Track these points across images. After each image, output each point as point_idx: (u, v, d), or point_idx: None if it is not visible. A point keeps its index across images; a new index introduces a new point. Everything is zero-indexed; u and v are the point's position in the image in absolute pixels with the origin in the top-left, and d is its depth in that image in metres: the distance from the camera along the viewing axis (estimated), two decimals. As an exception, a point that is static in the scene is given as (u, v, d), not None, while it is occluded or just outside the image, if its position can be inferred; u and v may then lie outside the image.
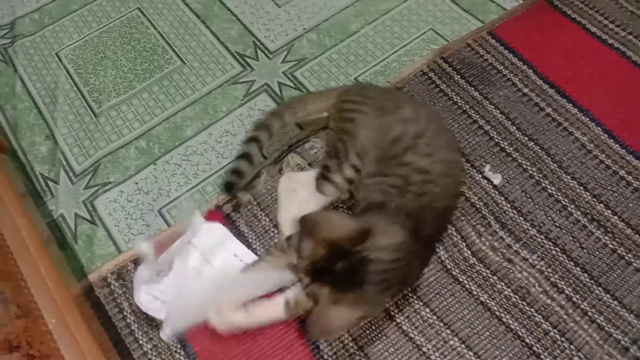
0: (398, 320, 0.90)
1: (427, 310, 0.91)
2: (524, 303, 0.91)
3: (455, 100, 1.14)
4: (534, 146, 1.07)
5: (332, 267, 0.75)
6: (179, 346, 0.90)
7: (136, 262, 0.99)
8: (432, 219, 0.87)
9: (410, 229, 0.81)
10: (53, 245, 0.97)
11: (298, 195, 0.99)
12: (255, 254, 0.98)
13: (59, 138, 1.17)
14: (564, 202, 1.00)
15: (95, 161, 1.13)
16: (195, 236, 0.96)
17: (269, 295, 0.90)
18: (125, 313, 0.95)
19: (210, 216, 1.03)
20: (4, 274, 0.74)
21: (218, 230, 0.99)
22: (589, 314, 0.90)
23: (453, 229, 0.98)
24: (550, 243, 0.96)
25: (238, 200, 1.05)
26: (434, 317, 0.90)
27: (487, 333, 0.89)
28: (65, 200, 1.08)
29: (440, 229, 0.92)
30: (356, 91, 1.03)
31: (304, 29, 1.28)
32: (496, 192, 1.02)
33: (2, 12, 1.39)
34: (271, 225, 1.01)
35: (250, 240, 1.00)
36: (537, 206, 1.00)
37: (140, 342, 0.91)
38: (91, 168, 1.12)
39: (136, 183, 1.09)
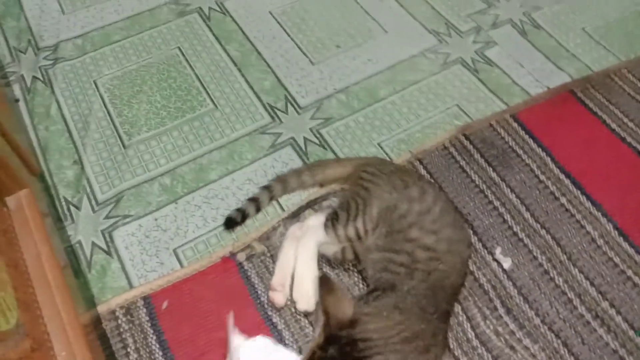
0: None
1: (426, 386, 0.92)
2: (522, 392, 0.92)
3: (473, 178, 1.18)
4: (545, 234, 1.10)
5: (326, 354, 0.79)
6: (178, 392, 0.91)
7: (145, 299, 1.01)
8: (442, 298, 0.89)
9: (418, 311, 0.84)
10: (69, 272, 0.99)
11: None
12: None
13: (87, 165, 1.20)
14: (569, 295, 1.02)
15: (119, 192, 1.16)
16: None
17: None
18: (128, 349, 0.96)
19: (223, 262, 1.05)
20: (23, 305, 0.76)
21: (262, 343, 0.93)
22: (585, 411, 0.91)
23: (459, 307, 1.00)
24: (552, 334, 0.98)
25: (252, 250, 1.07)
26: (432, 395, 0.91)
27: (483, 418, 0.90)
28: (84, 227, 1.11)
29: (450, 306, 0.94)
30: (374, 164, 1.08)
31: (335, 89, 1.33)
32: (505, 276, 1.04)
33: (48, 33, 1.45)
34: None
35: (259, 292, 1.02)
36: (543, 295, 1.02)
37: (140, 382, 0.92)
38: (114, 198, 1.15)
39: (156, 219, 1.12)
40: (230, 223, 1.10)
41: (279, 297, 0.99)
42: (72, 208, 1.14)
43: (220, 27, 1.45)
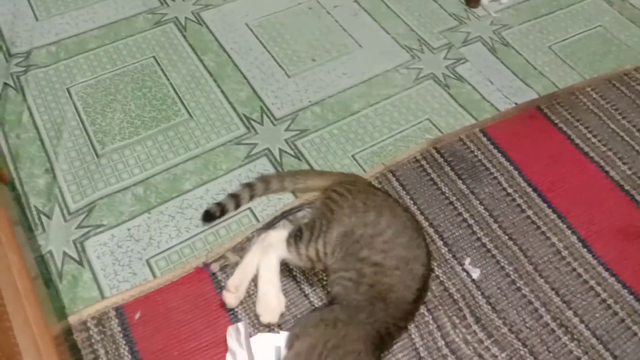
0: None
1: (397, 395, 0.94)
2: (490, 400, 0.95)
3: (443, 190, 1.21)
4: (512, 245, 1.13)
5: None
6: (149, 403, 0.91)
7: (118, 309, 1.00)
8: (380, 308, 0.93)
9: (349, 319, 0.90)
10: (39, 283, 0.98)
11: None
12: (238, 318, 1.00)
13: (58, 173, 1.19)
14: (535, 305, 1.06)
15: (91, 202, 1.15)
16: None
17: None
18: (99, 361, 0.95)
19: (197, 273, 1.06)
20: (-7, 315, 0.75)
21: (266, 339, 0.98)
22: (550, 418, 0.94)
23: (430, 317, 1.02)
24: (519, 343, 1.01)
25: (226, 260, 1.08)
26: (403, 404, 0.93)
27: None
28: (55, 237, 1.10)
29: (394, 320, 0.96)
30: (346, 182, 1.09)
31: (310, 101, 1.35)
32: (474, 286, 1.07)
33: (21, 40, 1.43)
34: (255, 290, 1.04)
35: (233, 302, 1.02)
36: (510, 305, 1.05)
37: (111, 393, 0.92)
38: (86, 208, 1.14)
39: (128, 229, 1.12)
40: (209, 216, 1.12)
41: (230, 298, 1.00)
42: (43, 217, 1.12)
43: (197, 37, 1.46)
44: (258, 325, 1.00)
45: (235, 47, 1.45)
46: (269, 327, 1.00)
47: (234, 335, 0.95)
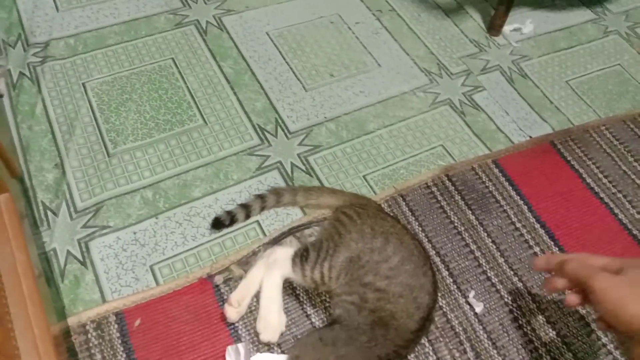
0: None
1: None
2: None
3: (452, 219, 1.20)
4: (517, 282, 1.13)
5: None
6: (144, 414, 0.90)
7: (118, 314, 1.00)
8: (381, 334, 0.92)
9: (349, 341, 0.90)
10: (42, 281, 0.97)
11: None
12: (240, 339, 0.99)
13: (68, 169, 1.18)
14: (536, 344, 1.05)
15: (99, 202, 1.14)
16: None
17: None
18: (96, 366, 0.94)
19: (200, 283, 1.05)
20: (-3, 317, 0.74)
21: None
22: None
23: (430, 348, 1.02)
24: (517, 382, 1.01)
25: (230, 273, 1.07)
26: None
27: None
28: (60, 234, 1.09)
29: (398, 347, 0.95)
30: (357, 205, 1.08)
31: (325, 117, 1.34)
32: (476, 320, 1.07)
33: (40, 30, 1.42)
34: (258, 305, 1.03)
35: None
36: (511, 342, 1.05)
37: (106, 401, 0.91)
38: (93, 207, 1.13)
39: (134, 233, 1.11)
40: (218, 224, 1.12)
41: (232, 313, 0.99)
42: (49, 213, 1.11)
43: (217, 42, 1.46)
44: (257, 343, 0.99)
45: (254, 56, 1.44)
46: (269, 346, 0.99)
47: (234, 356, 0.95)
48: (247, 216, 1.14)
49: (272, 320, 0.99)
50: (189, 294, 1.04)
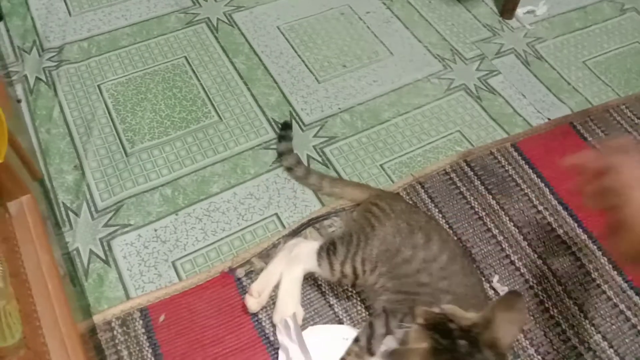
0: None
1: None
2: (515, 423, 0.93)
3: (472, 205, 1.19)
4: (542, 265, 1.11)
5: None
6: (172, 407, 0.91)
7: (142, 311, 1.00)
8: None
9: None
10: (67, 281, 0.98)
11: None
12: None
13: (87, 170, 1.19)
14: (563, 326, 1.04)
15: (119, 200, 1.15)
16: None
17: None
18: (123, 362, 0.95)
19: (222, 277, 1.05)
20: (24, 317, 0.75)
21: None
22: None
23: (456, 334, 1.00)
24: (546, 365, 0.99)
25: (251, 266, 1.07)
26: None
27: None
28: (83, 234, 1.10)
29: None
30: (387, 198, 1.07)
31: (339, 108, 1.34)
32: (501, 305, 1.05)
33: (54, 35, 1.44)
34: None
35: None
36: (537, 325, 1.04)
37: (134, 396, 0.92)
38: (114, 207, 1.14)
39: (155, 230, 1.12)
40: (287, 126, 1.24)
41: (252, 303, 0.99)
42: (70, 214, 1.13)
43: (228, 39, 1.46)
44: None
45: (266, 51, 1.44)
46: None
47: (284, 331, 0.94)
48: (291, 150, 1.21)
49: (288, 313, 0.98)
50: (211, 288, 1.04)
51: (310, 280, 1.05)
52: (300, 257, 1.01)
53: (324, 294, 1.05)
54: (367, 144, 1.28)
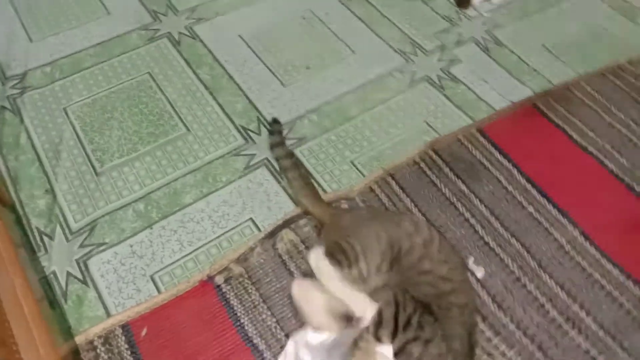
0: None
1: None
2: (501, 399, 0.94)
3: (443, 191, 1.21)
4: (515, 243, 1.13)
5: None
6: (160, 419, 0.90)
7: (124, 327, 1.00)
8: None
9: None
10: (44, 304, 0.98)
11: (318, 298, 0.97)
12: (246, 330, 1.00)
13: (59, 193, 1.19)
14: (541, 301, 1.06)
15: (93, 220, 1.15)
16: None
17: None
18: (108, 379, 0.95)
19: (201, 286, 1.05)
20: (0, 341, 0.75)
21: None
22: (562, 414, 0.93)
23: (436, 319, 1.02)
24: (527, 339, 1.01)
25: (230, 272, 1.07)
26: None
27: None
28: (58, 257, 1.09)
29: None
30: (349, 212, 1.09)
31: (306, 109, 1.35)
32: (479, 285, 1.07)
33: (16, 62, 1.44)
34: (261, 300, 1.04)
35: (238, 314, 1.02)
36: (516, 302, 1.05)
37: (121, 411, 0.91)
38: (87, 227, 1.14)
39: (131, 246, 1.11)
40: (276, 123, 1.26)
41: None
42: (45, 238, 1.12)
43: (191, 51, 1.47)
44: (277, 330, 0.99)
45: (229, 60, 1.45)
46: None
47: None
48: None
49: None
50: (191, 297, 1.04)
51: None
52: (320, 263, 0.97)
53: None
54: (336, 142, 1.29)
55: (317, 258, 0.98)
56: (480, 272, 1.08)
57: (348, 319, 0.92)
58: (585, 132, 1.33)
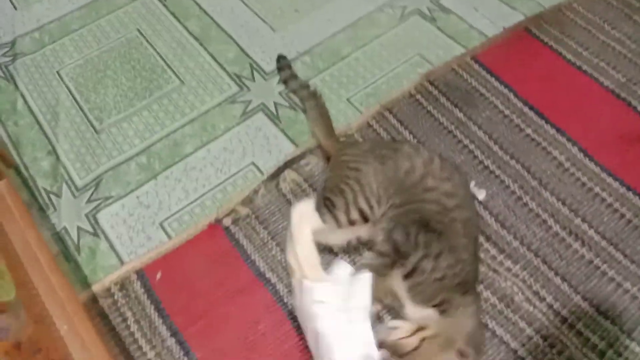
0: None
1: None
2: (509, 310, 0.97)
3: (441, 121, 1.22)
4: (515, 164, 1.14)
5: None
6: (182, 353, 0.94)
7: (138, 272, 1.03)
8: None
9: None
10: (60, 259, 1.00)
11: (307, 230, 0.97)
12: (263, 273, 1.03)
13: (61, 154, 1.20)
14: (543, 217, 1.07)
15: (97, 176, 1.17)
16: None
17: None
18: (128, 322, 0.98)
19: (210, 229, 1.08)
20: (18, 284, 0.77)
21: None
22: (569, 320, 0.96)
23: (442, 241, 1.04)
24: (532, 254, 1.03)
25: (236, 213, 1.09)
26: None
27: (475, 339, 0.95)
28: (67, 213, 1.12)
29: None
30: (351, 145, 1.09)
31: (298, 52, 1.35)
32: (481, 207, 1.09)
33: (3, 30, 1.43)
34: (269, 237, 1.06)
35: (249, 252, 1.05)
36: (519, 220, 1.07)
37: (144, 349, 0.95)
38: (93, 182, 1.16)
39: (137, 197, 1.13)
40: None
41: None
42: (52, 197, 1.14)
43: (177, 4, 1.45)
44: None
45: (217, 9, 1.44)
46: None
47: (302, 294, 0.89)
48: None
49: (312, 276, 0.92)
50: (202, 240, 1.07)
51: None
52: (304, 218, 0.97)
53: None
54: (330, 82, 1.29)
55: (301, 214, 0.97)
56: (481, 194, 1.10)
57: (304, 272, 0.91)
58: (580, 52, 1.32)
